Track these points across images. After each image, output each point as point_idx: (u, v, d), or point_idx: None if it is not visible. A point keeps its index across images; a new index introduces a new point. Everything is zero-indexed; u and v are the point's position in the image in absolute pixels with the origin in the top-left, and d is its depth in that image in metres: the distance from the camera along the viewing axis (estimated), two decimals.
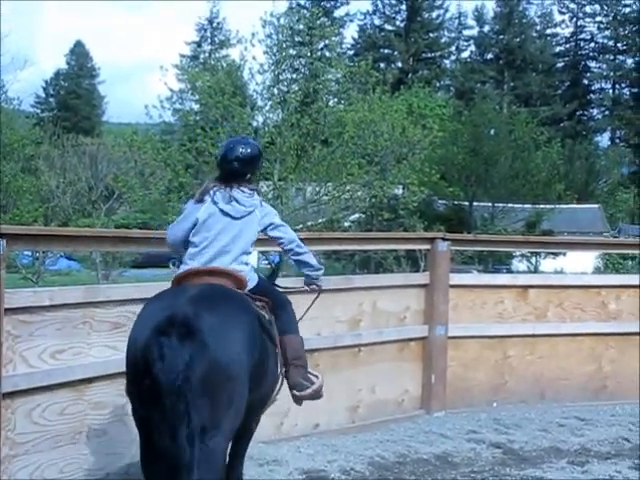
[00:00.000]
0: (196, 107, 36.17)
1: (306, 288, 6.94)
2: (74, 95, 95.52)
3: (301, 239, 6.80)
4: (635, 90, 63.13)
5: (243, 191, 6.30)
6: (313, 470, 8.24)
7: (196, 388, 5.03)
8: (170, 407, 5.01)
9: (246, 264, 6.29)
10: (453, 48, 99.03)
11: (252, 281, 6.27)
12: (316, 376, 6.41)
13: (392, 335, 10.14)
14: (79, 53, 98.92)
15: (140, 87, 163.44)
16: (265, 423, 8.18)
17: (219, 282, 5.88)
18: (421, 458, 8.92)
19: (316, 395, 6.40)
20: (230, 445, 5.83)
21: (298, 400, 6.41)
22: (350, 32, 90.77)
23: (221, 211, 6.22)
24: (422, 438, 9.69)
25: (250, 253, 6.37)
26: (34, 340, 6.76)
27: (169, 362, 5.01)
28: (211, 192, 6.27)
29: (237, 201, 6.26)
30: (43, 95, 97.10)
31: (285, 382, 6.35)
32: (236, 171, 6.30)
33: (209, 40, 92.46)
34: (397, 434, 9.74)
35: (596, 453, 9.40)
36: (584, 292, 11.64)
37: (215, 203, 6.23)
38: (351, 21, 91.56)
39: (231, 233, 6.20)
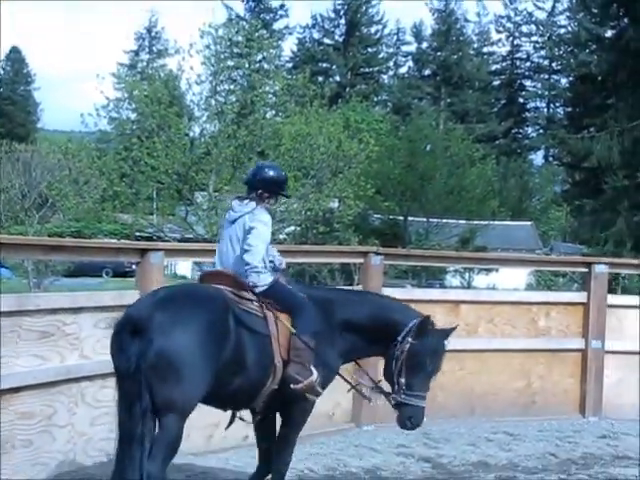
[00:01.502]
0: (132, 116, 35.89)
1: None
2: (9, 101, 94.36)
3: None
4: (569, 109, 63.76)
5: (241, 201, 7.23)
6: None
7: (146, 374, 6.03)
8: (127, 389, 6.10)
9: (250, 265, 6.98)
10: (391, 63, 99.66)
11: (262, 282, 6.98)
12: (312, 373, 6.91)
13: None
14: (15, 59, 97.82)
15: (76, 95, 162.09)
16: (194, 435, 8.15)
17: (217, 284, 6.91)
18: (350, 472, 8.93)
19: (309, 390, 6.94)
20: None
21: (295, 392, 6.95)
22: (289, 45, 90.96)
23: (226, 220, 7.36)
24: (352, 452, 9.70)
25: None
26: None
27: (124, 354, 6.10)
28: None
29: (232, 209, 7.31)
30: None
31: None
32: (248, 187, 7.30)
33: (147, 49, 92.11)
34: (327, 447, 9.75)
35: (523, 468, 9.48)
36: (515, 308, 11.75)
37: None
38: (290, 34, 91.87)
39: (228, 237, 7.21)
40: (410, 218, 52.63)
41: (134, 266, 9.56)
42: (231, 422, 7.21)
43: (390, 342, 7.21)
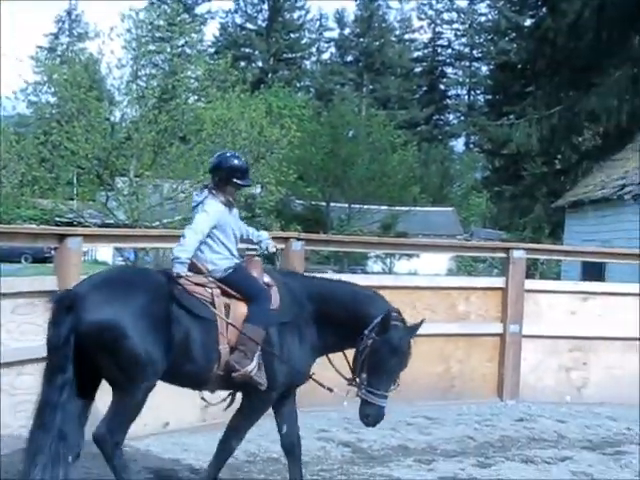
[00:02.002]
0: (52, 100, 35.36)
1: None
2: None
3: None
4: (489, 97, 64.41)
5: (200, 190, 7.52)
6: (162, 469, 8.21)
7: (73, 349, 6.46)
8: (53, 360, 6.52)
9: (211, 253, 7.25)
10: (314, 49, 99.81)
11: (219, 269, 7.20)
12: (251, 362, 7.01)
13: None
14: None
15: None
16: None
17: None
18: (271, 457, 8.96)
19: (247, 379, 7.04)
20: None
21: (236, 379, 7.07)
22: (211, 30, 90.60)
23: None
24: (273, 437, 9.68)
25: (213, 243, 7.28)
26: None
27: (57, 327, 6.48)
28: None
29: (193, 198, 7.71)
30: None
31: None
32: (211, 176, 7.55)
33: (67, 32, 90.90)
34: (249, 433, 9.73)
35: (442, 451, 9.60)
36: (435, 293, 11.87)
37: None
38: (212, 18, 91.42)
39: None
40: (332, 204, 52.75)
41: (53, 252, 9.47)
42: (207, 402, 7.38)
43: (359, 335, 7.16)
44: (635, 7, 33.43)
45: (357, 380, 7.17)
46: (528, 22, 45.06)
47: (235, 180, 7.41)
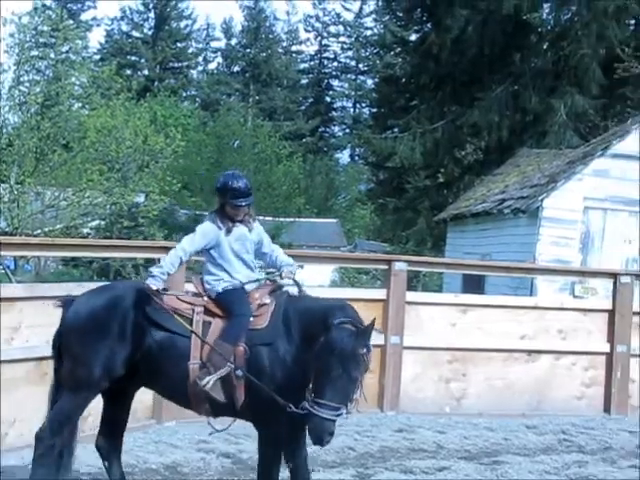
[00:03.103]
0: None
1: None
2: None
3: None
4: (374, 110, 65.01)
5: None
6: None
7: (58, 352, 7.22)
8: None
9: (206, 274, 7.46)
10: (200, 59, 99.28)
11: (212, 289, 7.32)
12: (207, 376, 6.95)
13: None
14: None
15: None
16: None
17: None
18: (150, 468, 8.89)
19: (207, 394, 6.99)
20: None
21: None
22: (96, 37, 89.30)
23: None
24: (152, 448, 9.64)
25: (209, 264, 7.50)
26: None
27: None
28: None
29: None
30: None
31: None
32: None
33: None
34: (127, 444, 9.57)
35: (322, 462, 9.63)
36: None
37: None
38: (98, 25, 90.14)
39: None
40: None
41: None
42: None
43: None
44: (516, 24, 34.22)
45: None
46: (413, 37, 45.58)
47: (231, 200, 7.40)
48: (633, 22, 36.58)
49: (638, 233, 21.48)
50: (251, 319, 7.08)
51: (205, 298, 7.28)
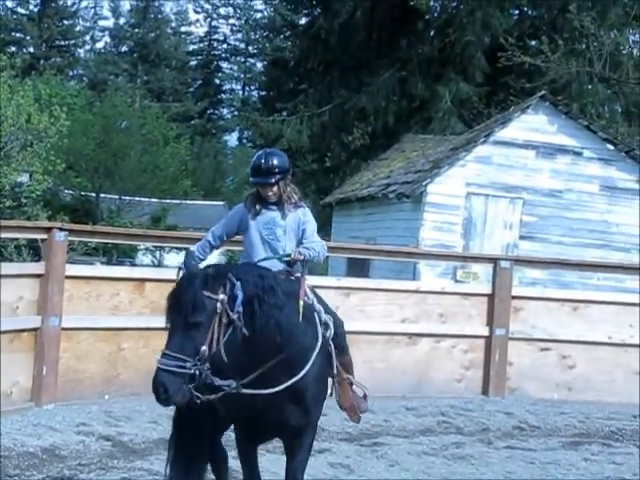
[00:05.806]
0: None
1: None
2: None
3: None
4: (263, 93, 65.05)
5: None
6: None
7: None
8: None
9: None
10: (88, 38, 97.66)
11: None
12: None
13: (4, 325, 9.89)
14: None
15: None
16: None
17: None
18: (27, 451, 8.78)
19: None
20: None
21: None
22: None
23: None
24: (30, 431, 9.52)
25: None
26: None
27: None
28: None
29: None
30: None
31: None
32: None
33: None
34: (4, 427, 9.49)
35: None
36: None
37: None
38: None
39: None
40: (102, 195, 51.89)
41: None
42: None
43: None
44: (404, 10, 34.54)
45: None
46: (303, 21, 45.70)
47: (250, 179, 6.97)
48: (517, 12, 37.28)
49: (518, 219, 21.95)
50: None
51: None
